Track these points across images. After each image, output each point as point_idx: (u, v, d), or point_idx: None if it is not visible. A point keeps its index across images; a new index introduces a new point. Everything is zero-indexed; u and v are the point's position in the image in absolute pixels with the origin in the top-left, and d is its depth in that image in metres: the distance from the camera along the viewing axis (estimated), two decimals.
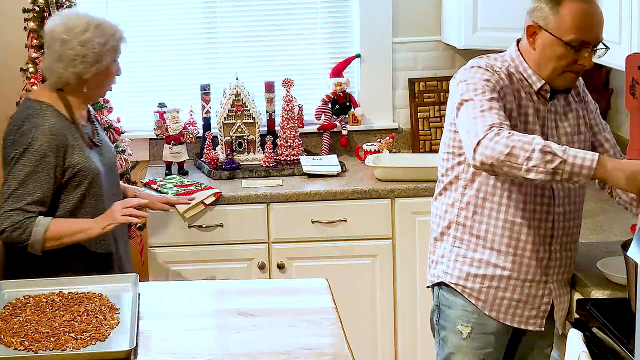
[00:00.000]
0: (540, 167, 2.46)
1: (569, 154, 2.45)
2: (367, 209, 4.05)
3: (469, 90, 2.68)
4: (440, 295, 2.90)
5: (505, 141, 2.49)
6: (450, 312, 2.87)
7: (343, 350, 2.51)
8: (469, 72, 2.75)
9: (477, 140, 2.53)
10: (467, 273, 2.83)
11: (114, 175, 3.43)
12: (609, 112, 4.19)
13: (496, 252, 2.80)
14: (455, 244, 2.85)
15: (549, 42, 2.70)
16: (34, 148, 3.10)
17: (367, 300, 4.11)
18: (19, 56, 4.06)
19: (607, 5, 3.19)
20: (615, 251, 2.83)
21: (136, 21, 4.53)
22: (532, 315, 2.84)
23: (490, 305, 2.82)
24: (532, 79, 2.76)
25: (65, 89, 3.23)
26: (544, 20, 2.70)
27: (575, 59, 2.69)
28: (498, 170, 2.53)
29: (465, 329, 2.84)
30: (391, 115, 4.65)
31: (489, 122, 2.56)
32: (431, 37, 4.58)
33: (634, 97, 2.57)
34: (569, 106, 2.85)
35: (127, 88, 4.53)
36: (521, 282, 2.80)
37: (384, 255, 4.09)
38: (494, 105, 2.62)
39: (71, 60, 3.17)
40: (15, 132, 3.15)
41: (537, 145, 2.46)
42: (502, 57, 2.83)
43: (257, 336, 2.62)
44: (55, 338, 2.54)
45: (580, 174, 2.45)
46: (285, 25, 4.60)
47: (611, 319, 2.56)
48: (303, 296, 2.89)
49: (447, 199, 2.87)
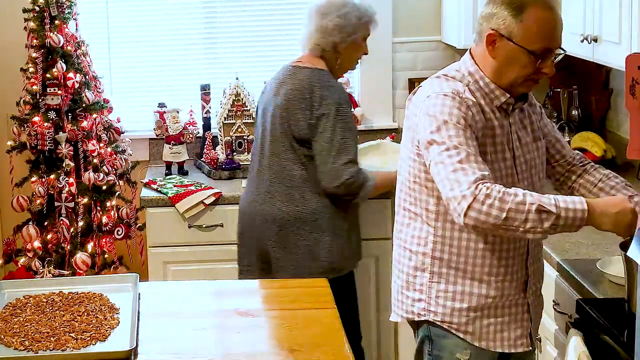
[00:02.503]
0: (537, 227, 2.42)
1: (560, 208, 2.42)
2: (367, 209, 4.04)
3: (440, 129, 2.54)
4: (430, 328, 2.76)
5: (498, 204, 2.41)
6: (446, 342, 2.74)
7: (343, 350, 2.51)
8: (436, 101, 2.59)
9: (466, 205, 2.42)
10: (452, 308, 2.69)
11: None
12: (609, 112, 4.19)
13: (477, 281, 2.68)
14: (433, 279, 2.71)
15: (512, 51, 2.57)
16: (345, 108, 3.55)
17: (367, 300, 4.11)
18: (19, 56, 4.07)
19: (607, 5, 3.19)
20: (615, 251, 2.83)
21: (136, 21, 4.53)
22: (519, 335, 2.74)
23: (478, 336, 2.71)
24: (496, 93, 2.64)
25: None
26: (506, 28, 2.57)
27: (539, 67, 2.59)
28: (492, 232, 2.49)
29: (464, 356, 2.72)
30: (391, 115, 4.65)
31: (471, 177, 2.45)
32: (431, 37, 4.58)
33: (634, 97, 2.56)
34: (523, 113, 2.75)
35: (127, 88, 4.55)
36: (504, 304, 2.71)
37: (384, 255, 4.09)
38: (470, 150, 2.50)
39: (331, 30, 3.56)
40: (311, 98, 3.51)
41: (532, 205, 2.41)
42: (459, 71, 2.68)
43: (257, 336, 2.62)
44: (55, 338, 2.54)
45: (573, 225, 2.44)
46: (285, 25, 4.60)
47: (611, 319, 2.55)
48: (303, 296, 2.89)
49: (417, 231, 2.72)
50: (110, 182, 4.05)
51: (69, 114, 3.97)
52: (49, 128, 3.90)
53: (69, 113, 3.98)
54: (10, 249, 4.06)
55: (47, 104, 3.93)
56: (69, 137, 3.95)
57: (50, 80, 3.92)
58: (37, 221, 4.01)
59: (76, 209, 3.96)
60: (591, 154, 3.96)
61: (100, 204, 4.03)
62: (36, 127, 3.90)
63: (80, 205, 3.96)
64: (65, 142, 3.93)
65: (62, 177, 3.94)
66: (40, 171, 3.98)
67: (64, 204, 3.94)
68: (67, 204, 3.94)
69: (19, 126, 3.98)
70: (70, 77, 3.92)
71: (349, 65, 3.70)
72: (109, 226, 4.04)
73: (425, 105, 2.61)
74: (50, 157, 3.98)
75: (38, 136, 3.91)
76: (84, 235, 3.99)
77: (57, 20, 3.93)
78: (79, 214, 3.96)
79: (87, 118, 3.99)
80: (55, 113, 3.94)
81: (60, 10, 3.95)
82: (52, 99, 3.94)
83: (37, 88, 3.92)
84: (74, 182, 3.94)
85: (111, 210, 4.05)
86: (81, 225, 3.96)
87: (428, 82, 2.71)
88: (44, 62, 3.94)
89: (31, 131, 3.91)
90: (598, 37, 3.27)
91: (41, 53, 3.92)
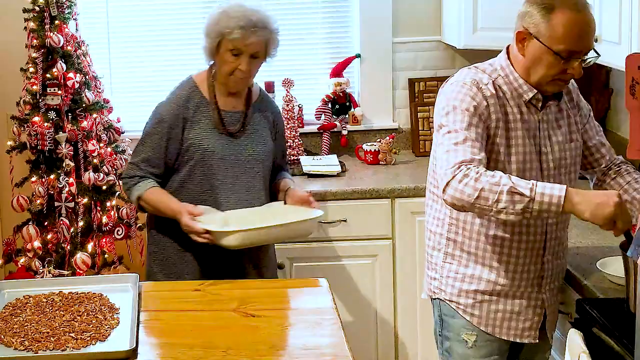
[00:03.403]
0: (509, 208, 2.46)
1: (536, 192, 2.45)
2: (367, 209, 4.04)
3: (448, 113, 2.64)
4: (441, 306, 2.86)
5: (473, 184, 2.47)
6: (453, 322, 2.82)
7: (343, 350, 2.51)
8: (454, 88, 2.69)
9: (446, 181, 2.52)
10: (459, 289, 2.79)
11: (248, 169, 3.37)
12: (609, 112, 4.19)
13: (488, 267, 2.76)
14: (446, 259, 2.81)
15: (539, 50, 2.63)
16: (157, 113, 3.38)
17: (367, 300, 4.11)
18: (19, 56, 4.06)
19: (607, 5, 3.19)
20: (616, 251, 2.83)
21: (136, 21, 4.53)
22: (527, 327, 2.80)
23: (485, 320, 2.78)
24: (524, 88, 2.70)
25: (212, 68, 3.38)
26: (535, 27, 2.62)
27: (565, 68, 2.62)
28: (469, 210, 2.54)
29: (471, 337, 2.79)
30: (391, 115, 4.65)
31: (460, 158, 2.53)
32: (431, 37, 4.58)
33: (634, 97, 2.57)
34: (560, 113, 2.80)
35: (127, 88, 4.55)
36: (514, 294, 2.77)
37: (384, 255, 4.09)
38: (469, 135, 2.58)
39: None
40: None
41: (505, 186, 2.45)
42: (492, 65, 2.75)
43: (257, 336, 2.62)
44: (55, 338, 2.54)
45: (549, 210, 2.46)
46: (285, 25, 4.59)
47: (611, 319, 2.56)
48: (303, 296, 2.89)
49: (436, 212, 2.84)
50: (110, 182, 4.05)
51: (69, 114, 3.97)
52: (49, 128, 3.90)
53: (69, 113, 3.97)
54: (10, 249, 4.06)
55: (47, 104, 3.93)
56: (69, 137, 3.94)
57: (50, 80, 3.92)
58: (37, 221, 4.01)
59: (76, 209, 3.96)
60: None
61: (100, 204, 4.02)
62: (36, 127, 3.89)
63: (80, 205, 3.96)
64: (65, 142, 3.93)
65: (62, 177, 3.93)
66: (40, 171, 3.98)
67: (64, 204, 3.94)
68: (67, 204, 3.94)
69: (19, 126, 3.98)
70: (70, 77, 3.91)
71: (223, 78, 3.34)
72: (109, 226, 4.04)
73: (444, 92, 2.72)
74: (50, 157, 3.97)
75: (38, 136, 3.90)
76: (84, 235, 3.99)
77: (57, 20, 3.93)
78: (79, 214, 3.96)
79: (87, 118, 3.99)
80: (55, 113, 3.94)
81: (60, 10, 3.94)
82: (52, 99, 3.93)
83: (37, 88, 3.92)
84: (74, 182, 3.94)
85: (111, 210, 4.05)
86: (81, 225, 3.96)
87: (459, 71, 2.79)
88: (44, 62, 3.93)
89: (31, 131, 3.91)
90: (598, 37, 3.26)
91: (41, 53, 3.92)
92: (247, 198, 3.34)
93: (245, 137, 3.38)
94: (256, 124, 3.42)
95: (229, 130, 3.35)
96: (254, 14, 3.27)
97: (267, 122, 3.46)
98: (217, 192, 3.31)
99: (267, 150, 3.42)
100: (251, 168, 3.37)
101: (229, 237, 3.10)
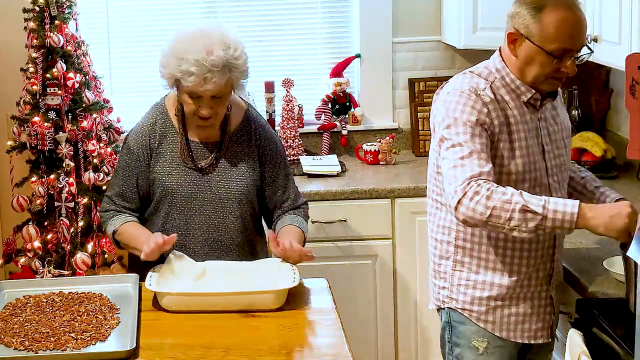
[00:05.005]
0: (522, 227, 2.45)
1: (549, 209, 2.44)
2: (367, 209, 4.04)
3: (450, 126, 2.59)
4: (450, 313, 2.81)
5: (484, 202, 2.46)
6: (464, 329, 2.78)
7: (343, 350, 2.51)
8: (452, 98, 2.64)
9: (457, 200, 2.49)
10: (472, 297, 2.75)
11: (219, 209, 3.08)
12: (609, 112, 4.19)
13: (499, 272, 2.73)
14: (456, 267, 2.77)
15: (531, 50, 2.61)
16: (127, 142, 3.16)
17: (367, 300, 4.11)
18: (19, 56, 4.06)
19: (607, 5, 3.19)
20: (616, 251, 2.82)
21: (136, 21, 4.53)
22: (540, 328, 2.78)
23: (499, 325, 2.75)
24: (522, 89, 2.68)
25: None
26: (525, 28, 2.60)
27: (558, 67, 2.61)
28: (482, 227, 2.54)
29: (482, 344, 2.76)
30: (391, 115, 4.65)
31: (468, 173, 2.50)
32: (431, 37, 4.58)
33: (634, 97, 2.57)
34: (555, 110, 2.80)
35: (127, 88, 4.55)
36: (526, 296, 2.75)
37: (384, 255, 4.09)
38: (474, 147, 2.55)
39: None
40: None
41: (517, 204, 2.44)
42: (487, 68, 2.72)
43: (257, 336, 2.62)
44: (55, 338, 2.54)
45: (562, 227, 2.45)
46: (285, 25, 4.60)
47: (611, 319, 2.56)
48: (303, 296, 2.89)
49: (442, 221, 2.79)
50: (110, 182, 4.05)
51: (69, 114, 3.97)
52: (49, 128, 3.90)
53: (69, 113, 3.97)
54: (10, 249, 4.06)
55: (47, 104, 3.93)
56: (69, 137, 3.94)
57: (50, 80, 3.91)
58: (37, 221, 4.00)
59: (76, 209, 3.95)
60: (591, 154, 3.97)
61: (100, 204, 4.02)
62: (36, 127, 3.89)
63: (80, 205, 3.96)
64: (65, 142, 3.93)
65: (62, 177, 3.93)
66: (40, 171, 3.98)
67: (64, 204, 3.94)
68: (67, 204, 3.93)
69: (19, 126, 3.98)
70: (70, 77, 3.91)
71: (185, 108, 3.02)
72: None
73: (443, 102, 2.67)
74: (50, 157, 3.97)
75: (38, 136, 3.90)
76: (84, 235, 3.98)
77: (57, 20, 3.93)
78: (79, 214, 3.96)
79: (87, 118, 3.98)
80: (55, 113, 3.93)
81: (60, 10, 3.94)
82: (52, 99, 3.93)
83: (37, 88, 3.92)
84: (74, 182, 3.94)
85: None
86: (81, 225, 3.96)
87: (454, 78, 2.76)
88: (44, 62, 3.93)
89: (31, 131, 3.91)
90: (598, 37, 3.27)
91: (41, 53, 3.92)
92: (219, 240, 3.08)
93: (218, 173, 3.06)
94: (234, 156, 3.08)
95: (198, 165, 3.05)
96: (210, 52, 2.88)
97: (250, 153, 3.10)
98: (184, 232, 3.06)
99: (246, 187, 3.08)
100: (223, 208, 3.07)
101: (164, 300, 2.76)
